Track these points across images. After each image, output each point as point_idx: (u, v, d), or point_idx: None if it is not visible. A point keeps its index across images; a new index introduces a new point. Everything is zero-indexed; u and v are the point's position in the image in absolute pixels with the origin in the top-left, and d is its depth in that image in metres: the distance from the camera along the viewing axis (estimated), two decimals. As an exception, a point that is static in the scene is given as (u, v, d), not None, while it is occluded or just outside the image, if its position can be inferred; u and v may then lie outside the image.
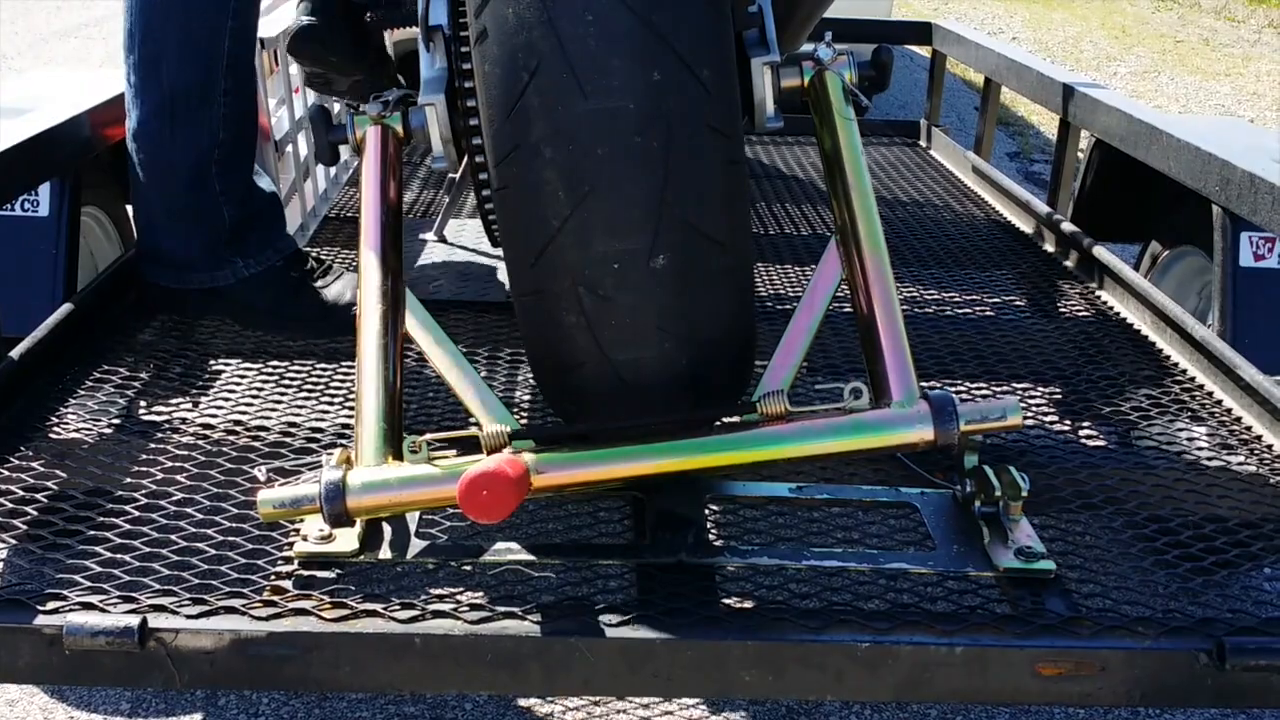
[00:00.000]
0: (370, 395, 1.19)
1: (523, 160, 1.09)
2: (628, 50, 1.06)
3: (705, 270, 1.13)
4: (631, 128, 1.07)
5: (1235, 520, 1.30)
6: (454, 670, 1.05)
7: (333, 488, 1.10)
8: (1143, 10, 10.16)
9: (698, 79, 1.08)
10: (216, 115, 1.65)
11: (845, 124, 1.34)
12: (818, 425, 1.15)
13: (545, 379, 1.23)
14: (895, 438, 1.15)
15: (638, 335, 1.12)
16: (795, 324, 1.26)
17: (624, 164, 1.07)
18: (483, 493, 1.03)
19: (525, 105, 1.08)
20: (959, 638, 1.06)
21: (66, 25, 7.71)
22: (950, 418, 1.14)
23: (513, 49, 1.08)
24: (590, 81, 1.06)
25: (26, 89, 2.09)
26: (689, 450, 1.15)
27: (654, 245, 1.09)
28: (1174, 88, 7.04)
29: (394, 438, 1.17)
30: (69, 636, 1.01)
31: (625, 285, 1.10)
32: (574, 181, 1.08)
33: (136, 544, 1.16)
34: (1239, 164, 1.77)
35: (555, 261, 1.11)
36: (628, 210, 1.08)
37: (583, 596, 1.12)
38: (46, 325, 1.54)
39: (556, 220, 1.09)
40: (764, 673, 1.06)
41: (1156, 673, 1.07)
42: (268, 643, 1.03)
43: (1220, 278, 1.86)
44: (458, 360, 1.26)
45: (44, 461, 1.31)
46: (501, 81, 1.09)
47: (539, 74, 1.06)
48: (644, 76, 1.07)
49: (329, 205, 2.39)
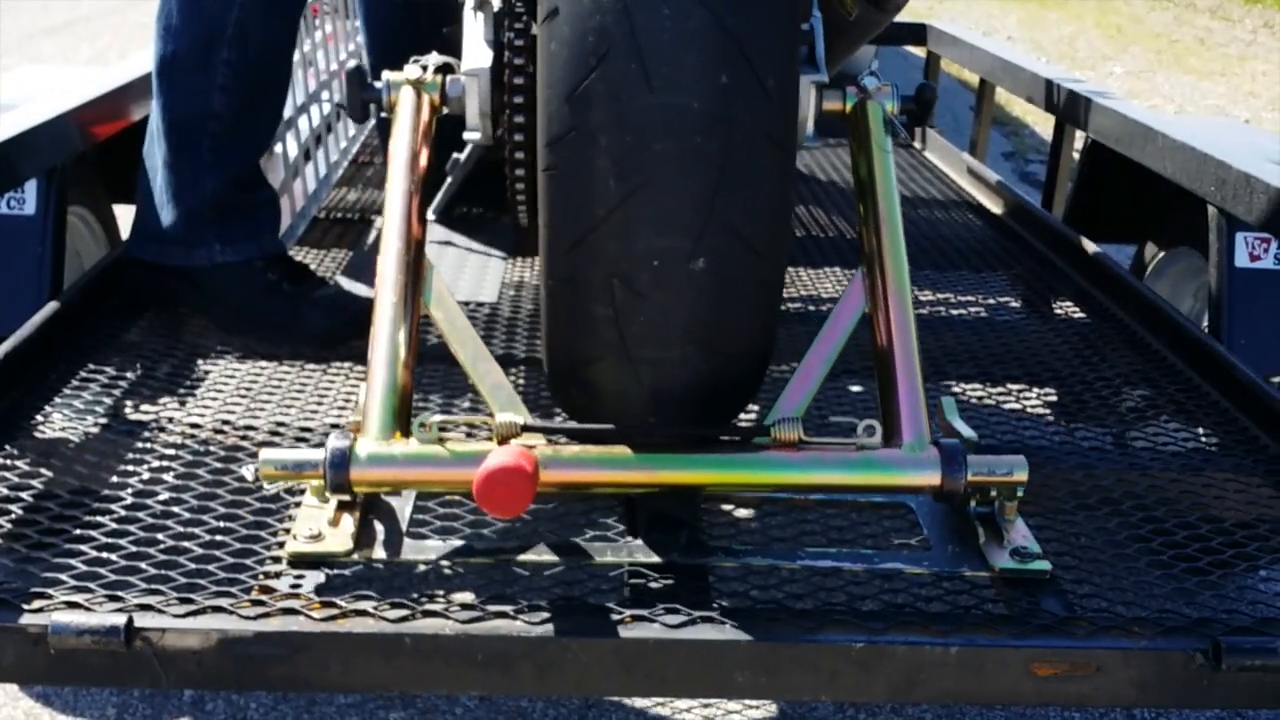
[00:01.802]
0: (381, 367, 1.17)
1: (577, 144, 1.07)
2: (700, 49, 1.05)
3: (741, 279, 1.12)
4: (693, 127, 1.06)
5: (1231, 521, 1.30)
6: (445, 670, 1.04)
7: (338, 456, 1.09)
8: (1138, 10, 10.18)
9: (763, 87, 1.08)
10: (213, 84, 1.64)
11: (882, 155, 1.35)
12: (828, 457, 1.16)
13: (558, 367, 1.21)
14: (902, 479, 1.17)
15: (664, 335, 1.11)
16: (815, 352, 1.26)
17: (680, 162, 1.06)
18: (501, 487, 1.02)
19: (589, 90, 1.06)
20: (954, 638, 1.05)
21: (53, 23, 7.68)
22: (959, 467, 1.15)
23: (583, 32, 1.06)
24: (658, 75, 1.05)
25: (12, 86, 2.07)
26: (698, 465, 1.15)
27: (696, 247, 1.08)
28: (1169, 88, 7.05)
29: (403, 414, 1.16)
30: (54, 636, 1.00)
31: (661, 283, 1.09)
32: (626, 173, 1.06)
33: (123, 543, 1.15)
34: (1234, 164, 1.76)
35: (594, 250, 1.09)
36: (676, 208, 1.07)
37: (575, 596, 1.11)
38: (32, 324, 1.53)
39: (602, 209, 1.08)
40: (758, 673, 1.05)
41: (1152, 673, 1.06)
42: (256, 642, 1.02)
43: (1215, 278, 1.86)
44: (474, 342, 1.24)
45: (29, 460, 1.30)
46: (567, 62, 1.08)
47: (607, 60, 1.05)
48: (712, 78, 1.06)
49: (318, 205, 2.38)
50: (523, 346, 1.73)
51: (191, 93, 1.65)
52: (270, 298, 1.69)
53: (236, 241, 1.70)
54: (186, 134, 1.66)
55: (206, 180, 1.67)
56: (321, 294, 1.72)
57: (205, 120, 1.66)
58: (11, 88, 2.05)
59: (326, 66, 2.63)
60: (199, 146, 1.66)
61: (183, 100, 1.66)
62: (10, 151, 1.63)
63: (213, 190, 1.68)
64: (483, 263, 2.07)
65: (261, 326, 1.68)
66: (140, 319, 1.72)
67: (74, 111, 1.83)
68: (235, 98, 1.66)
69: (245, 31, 1.64)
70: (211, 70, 1.64)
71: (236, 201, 1.70)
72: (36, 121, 1.72)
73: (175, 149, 1.67)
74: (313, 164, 2.39)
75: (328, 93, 2.60)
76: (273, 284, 1.70)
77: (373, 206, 2.42)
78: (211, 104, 1.65)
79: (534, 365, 1.66)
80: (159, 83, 1.68)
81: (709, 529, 1.24)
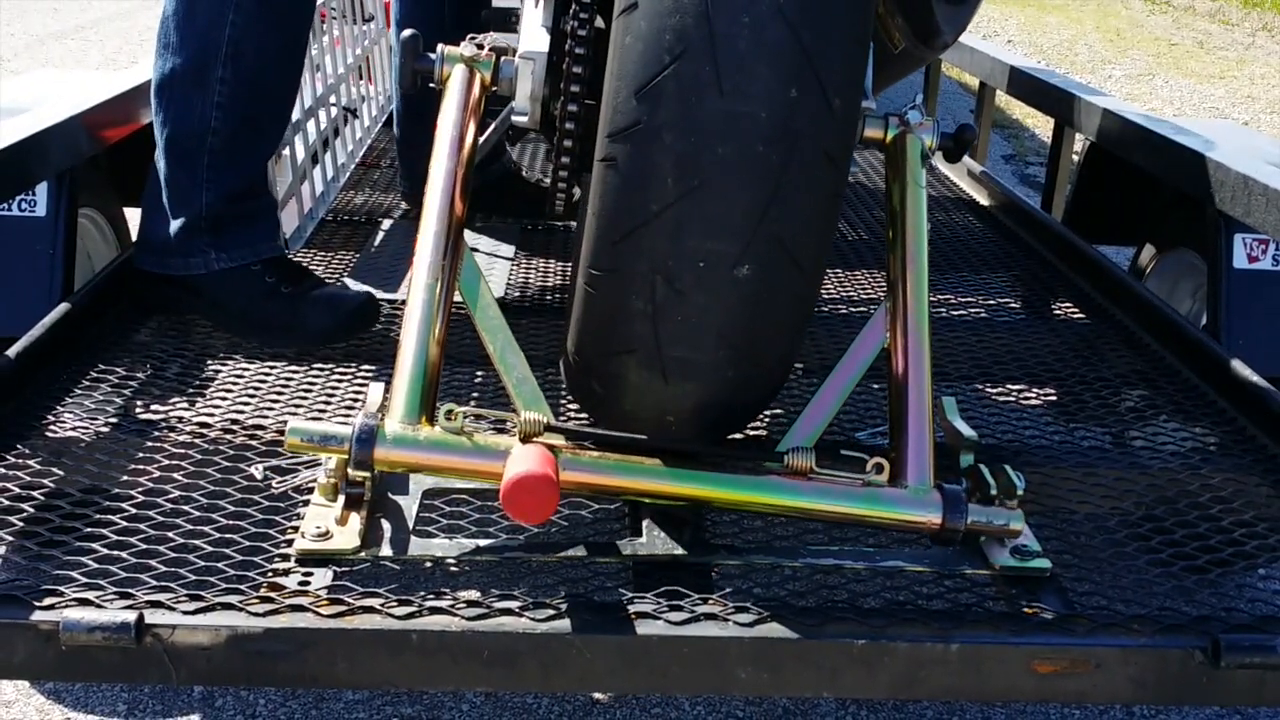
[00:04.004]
0: (411, 350, 1.18)
1: (640, 139, 1.08)
2: (773, 61, 1.06)
3: (781, 291, 1.13)
4: (758, 135, 1.07)
5: (1229, 520, 1.31)
6: (451, 667, 1.05)
7: (366, 432, 1.11)
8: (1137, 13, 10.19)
9: (829, 105, 1.09)
10: (209, 100, 1.66)
11: (916, 190, 1.35)
12: (835, 489, 1.17)
13: (583, 358, 1.21)
14: (904, 517, 1.18)
15: (698, 336, 1.12)
16: (832, 382, 1.27)
17: (740, 169, 1.07)
18: (528, 494, 1.03)
19: (659, 87, 1.07)
20: (955, 635, 1.07)
21: (64, 27, 7.71)
22: (959, 514, 1.17)
23: (661, 29, 1.07)
24: (730, 81, 1.06)
25: (24, 90, 2.09)
26: (711, 483, 1.16)
27: (743, 254, 1.09)
28: (1168, 91, 7.06)
29: (429, 400, 1.17)
30: (66, 632, 1.01)
31: (703, 285, 1.10)
32: (685, 173, 1.07)
33: (133, 541, 1.16)
34: (1233, 166, 1.77)
35: (641, 245, 1.10)
36: (729, 214, 1.08)
37: (580, 593, 1.12)
38: (43, 325, 1.54)
39: (656, 205, 1.09)
40: (760, 670, 1.06)
41: (1151, 670, 1.07)
42: (265, 639, 1.03)
43: (1214, 279, 1.87)
44: (504, 333, 1.24)
45: (41, 459, 1.31)
46: (640, 57, 1.08)
47: (682, 60, 1.06)
48: (783, 90, 1.07)
49: (326, 208, 2.39)
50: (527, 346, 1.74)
51: (189, 110, 1.67)
52: (269, 300, 1.70)
53: (233, 248, 1.71)
54: (184, 150, 1.68)
55: (204, 194, 1.69)
56: (320, 293, 1.74)
57: (203, 136, 1.67)
58: (23, 91, 2.07)
59: (334, 70, 2.64)
60: (197, 162, 1.68)
61: (181, 117, 1.67)
62: (22, 154, 1.64)
63: (210, 204, 1.69)
64: (488, 264, 2.09)
65: (263, 329, 1.69)
66: (149, 320, 1.73)
67: (84, 115, 1.84)
68: (233, 114, 1.68)
69: (240, 50, 1.65)
70: (208, 88, 1.66)
71: (235, 212, 1.72)
72: (47, 125, 1.73)
73: (174, 164, 1.69)
74: (320, 167, 2.40)
75: (335, 96, 2.61)
76: (271, 287, 1.71)
77: (380, 209, 2.43)
78: (209, 121, 1.67)
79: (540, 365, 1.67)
80: (158, 99, 1.69)
81: (712, 527, 1.25)
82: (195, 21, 1.65)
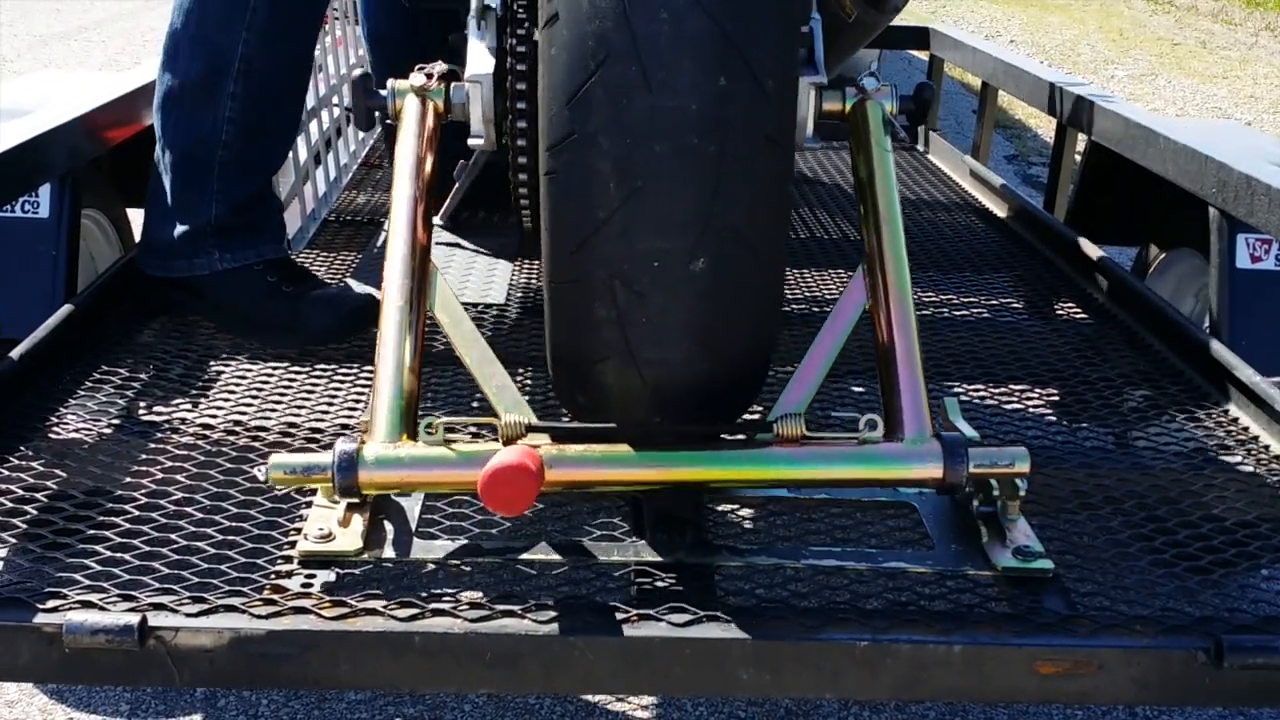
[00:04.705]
0: (388, 371, 1.19)
1: (577, 148, 1.09)
2: (697, 52, 1.06)
3: (742, 279, 1.13)
4: (692, 129, 1.07)
5: (1232, 520, 1.30)
6: (453, 668, 1.05)
7: (346, 459, 1.11)
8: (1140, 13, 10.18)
9: (762, 89, 1.08)
10: (220, 115, 1.66)
11: (882, 154, 1.35)
12: (830, 452, 1.17)
13: (563, 370, 1.22)
14: (904, 472, 1.18)
15: (666, 335, 1.13)
16: (816, 349, 1.26)
17: (679, 164, 1.07)
18: (505, 485, 1.03)
19: (588, 94, 1.07)
20: (957, 636, 1.07)
21: (67, 28, 7.72)
22: (960, 459, 1.16)
23: (583, 36, 1.07)
24: (656, 78, 1.06)
25: (27, 91, 2.09)
26: (702, 462, 1.16)
27: (696, 248, 1.09)
28: (1171, 91, 7.05)
29: (410, 416, 1.17)
30: (69, 635, 1.01)
31: (661, 284, 1.10)
32: (626, 175, 1.07)
33: (136, 543, 1.17)
34: (1236, 166, 1.77)
35: (595, 252, 1.10)
36: (676, 210, 1.08)
37: (582, 595, 1.12)
38: (46, 326, 1.54)
39: (603, 212, 1.09)
40: (762, 671, 1.06)
41: (1154, 671, 1.07)
42: (267, 641, 1.04)
43: (1217, 280, 1.87)
44: (480, 345, 1.25)
45: (44, 461, 1.31)
46: (567, 67, 1.09)
47: (607, 65, 1.06)
48: (711, 80, 1.07)
49: (328, 208, 2.39)
50: (531, 347, 1.74)
51: (199, 123, 1.67)
52: (271, 300, 1.71)
53: (237, 249, 1.72)
54: (193, 163, 1.68)
55: (214, 206, 1.69)
56: (320, 293, 1.74)
57: (213, 150, 1.67)
58: (25, 92, 2.07)
59: (336, 70, 2.64)
60: (207, 174, 1.68)
61: (190, 132, 1.67)
62: (25, 156, 1.64)
63: (219, 215, 1.70)
64: (490, 264, 2.09)
65: (265, 329, 1.69)
66: (152, 322, 1.73)
67: (87, 116, 1.84)
68: (243, 129, 1.68)
69: (253, 66, 1.65)
70: (219, 103, 1.65)
71: (242, 220, 1.72)
72: (50, 126, 1.73)
73: (182, 177, 1.69)
74: (323, 167, 2.40)
75: (337, 97, 2.62)
76: (273, 286, 1.72)
77: (382, 209, 2.43)
78: (219, 135, 1.67)
79: (542, 365, 1.67)
80: (163, 113, 1.69)
81: (714, 528, 1.25)
82: (207, 37, 1.65)
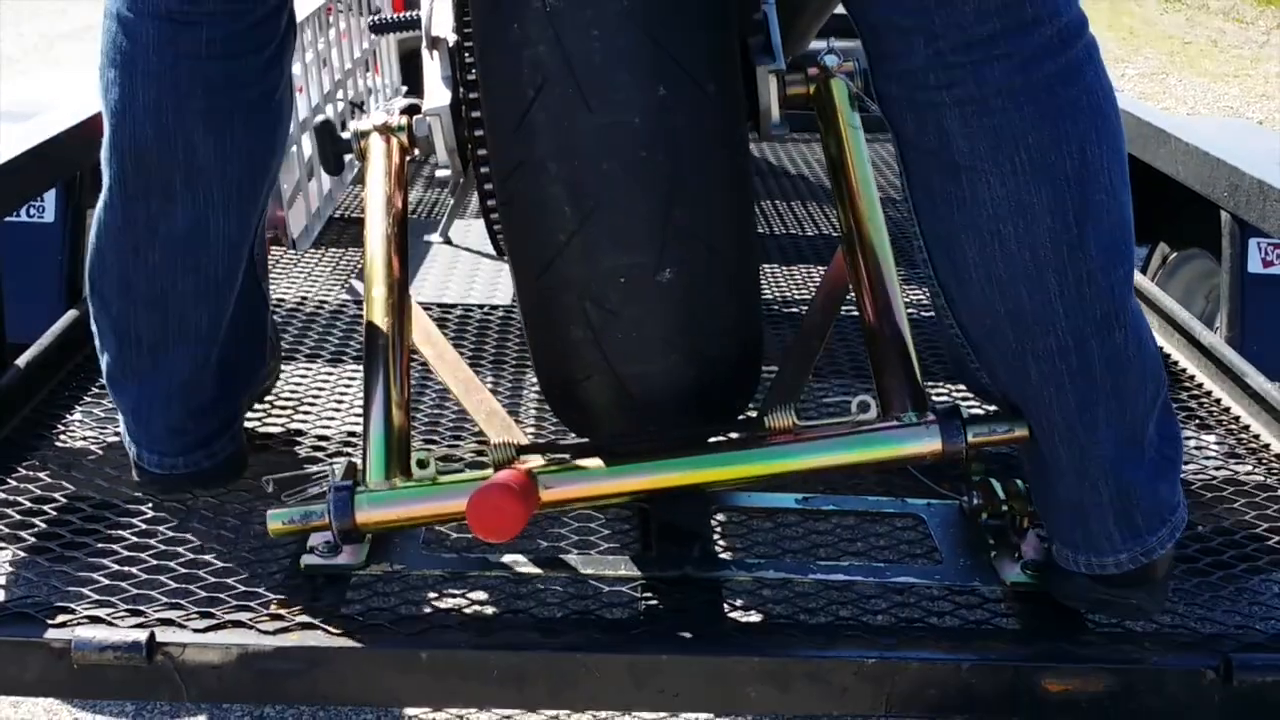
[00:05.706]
0: (377, 409, 1.19)
1: (528, 176, 1.09)
2: (633, 65, 1.06)
3: (713, 283, 1.13)
4: (637, 142, 1.07)
5: (1242, 533, 1.30)
6: (459, 685, 1.05)
7: (341, 504, 1.10)
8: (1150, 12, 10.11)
9: (704, 93, 1.08)
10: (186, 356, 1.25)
11: (851, 131, 1.33)
12: (824, 439, 1.15)
13: (552, 391, 1.23)
14: (902, 451, 1.15)
15: (645, 349, 1.12)
16: (801, 336, 1.26)
17: (630, 178, 1.07)
18: (490, 512, 1.03)
19: (531, 121, 1.07)
20: (965, 654, 1.06)
21: (72, 28, 7.69)
22: (957, 431, 1.13)
23: (518, 64, 1.07)
24: (595, 97, 1.05)
25: (32, 92, 2.09)
26: (697, 465, 1.15)
27: (660, 259, 1.09)
28: (1182, 89, 7.01)
29: (402, 451, 1.17)
30: (77, 651, 1.01)
31: (632, 299, 1.10)
32: (579, 197, 1.08)
33: (144, 556, 1.17)
34: (1248, 170, 1.75)
35: (561, 276, 1.11)
36: (634, 225, 1.08)
37: (588, 611, 1.12)
38: (52, 332, 1.54)
39: (563, 235, 1.09)
40: (770, 688, 1.06)
41: (1163, 689, 1.06)
42: (275, 657, 1.04)
43: (1228, 284, 1.86)
44: (464, 372, 1.26)
45: (50, 472, 1.31)
46: (507, 97, 1.09)
47: (545, 89, 1.06)
48: (649, 91, 1.06)
49: (334, 206, 2.38)
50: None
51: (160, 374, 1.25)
52: None
53: None
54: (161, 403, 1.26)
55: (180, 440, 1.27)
56: None
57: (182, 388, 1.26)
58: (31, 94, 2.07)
59: (341, 64, 2.63)
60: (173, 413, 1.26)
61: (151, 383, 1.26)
62: (30, 162, 1.64)
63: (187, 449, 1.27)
64: (495, 267, 2.08)
65: None
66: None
67: (93, 120, 1.84)
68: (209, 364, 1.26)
69: None
70: None
71: None
72: (56, 131, 1.73)
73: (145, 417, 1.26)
74: (327, 166, 2.39)
75: (342, 90, 2.61)
76: None
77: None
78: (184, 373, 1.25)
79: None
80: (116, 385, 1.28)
81: (721, 541, 1.25)
82: None
